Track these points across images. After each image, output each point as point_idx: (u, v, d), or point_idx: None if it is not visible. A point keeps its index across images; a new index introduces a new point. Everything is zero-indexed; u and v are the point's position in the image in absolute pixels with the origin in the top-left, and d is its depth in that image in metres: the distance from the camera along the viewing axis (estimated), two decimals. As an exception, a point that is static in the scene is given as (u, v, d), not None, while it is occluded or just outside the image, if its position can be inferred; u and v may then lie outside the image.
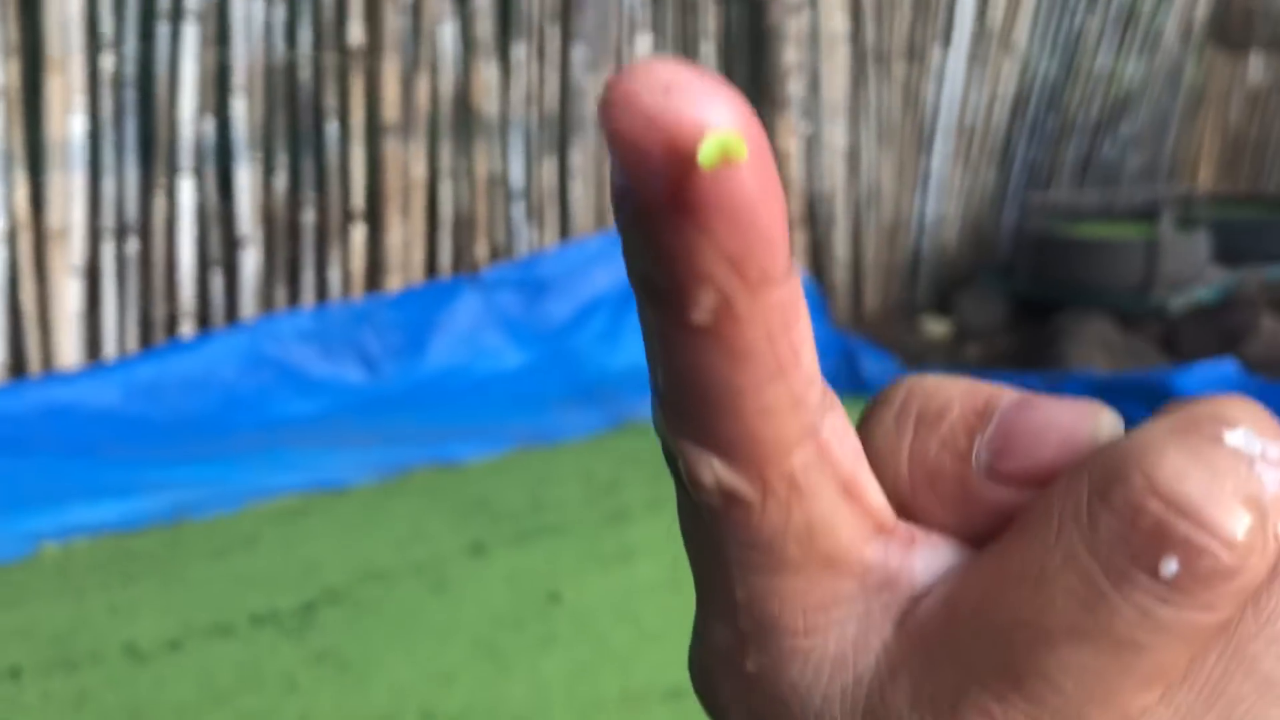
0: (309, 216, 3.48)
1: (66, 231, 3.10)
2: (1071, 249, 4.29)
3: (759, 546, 0.20)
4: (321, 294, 3.52)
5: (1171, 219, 4.30)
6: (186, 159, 3.25)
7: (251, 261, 3.38)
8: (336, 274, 3.52)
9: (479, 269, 3.72)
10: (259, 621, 2.18)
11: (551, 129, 3.85)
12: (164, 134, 3.23)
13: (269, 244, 3.44)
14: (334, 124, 3.47)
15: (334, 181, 3.50)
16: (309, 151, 3.46)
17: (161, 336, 3.29)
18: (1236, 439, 0.18)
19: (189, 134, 3.24)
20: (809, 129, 4.32)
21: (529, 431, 3.18)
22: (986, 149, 4.79)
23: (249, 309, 3.38)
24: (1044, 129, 4.95)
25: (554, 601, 2.23)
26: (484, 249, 3.75)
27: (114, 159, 3.17)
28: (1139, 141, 5.31)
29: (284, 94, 3.40)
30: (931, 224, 4.70)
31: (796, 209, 4.28)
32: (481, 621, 2.17)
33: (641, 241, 0.19)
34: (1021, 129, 4.87)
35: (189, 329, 3.31)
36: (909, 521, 0.22)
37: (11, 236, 3.05)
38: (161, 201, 3.25)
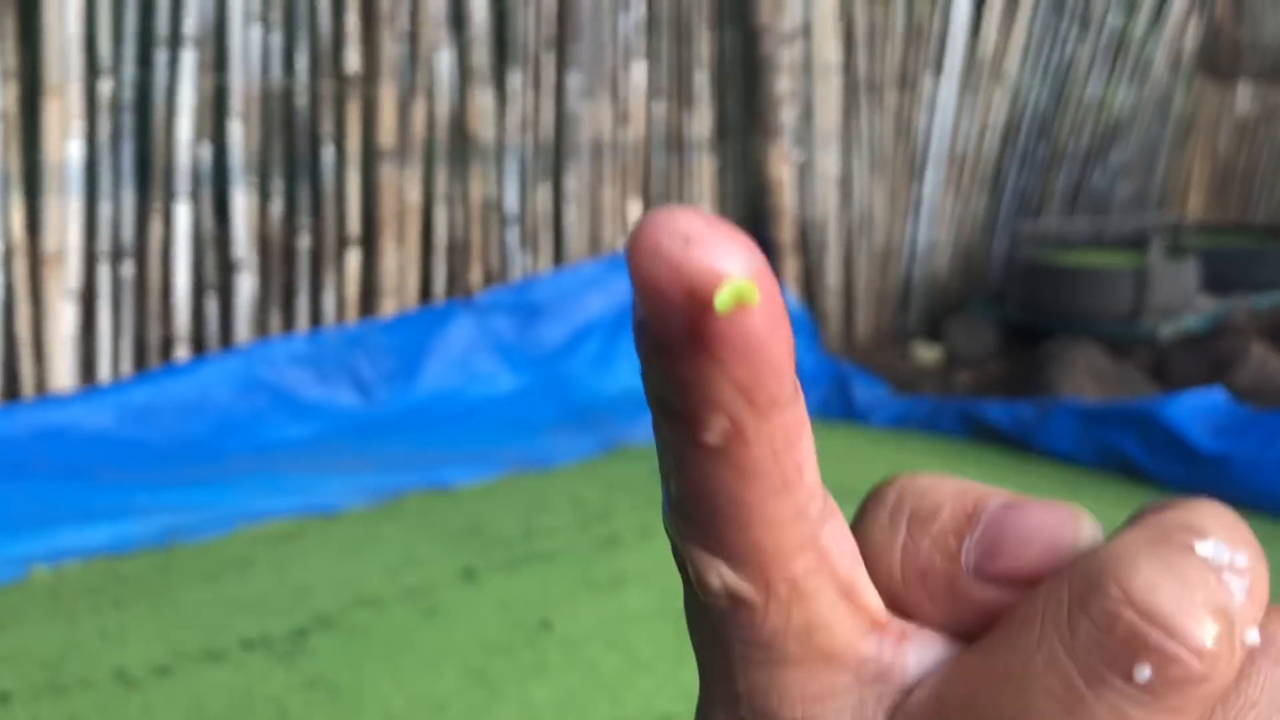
0: (304, 241, 3.49)
1: (62, 255, 3.11)
2: (1062, 277, 4.32)
3: (761, 644, 0.22)
4: (316, 318, 3.53)
5: (1161, 247, 4.33)
6: (183, 183, 3.27)
7: (247, 286, 3.40)
8: (331, 298, 3.54)
9: (473, 294, 3.74)
10: (250, 647, 2.18)
11: (546, 155, 3.88)
12: (160, 159, 3.25)
13: (264, 268, 3.45)
14: (330, 149, 3.49)
15: (329, 207, 3.52)
16: (305, 177, 3.48)
17: (156, 360, 3.30)
18: (1206, 550, 0.20)
19: (185, 159, 3.26)
20: (801, 156, 4.35)
21: (521, 456, 3.19)
22: (977, 177, 4.83)
23: (244, 333, 3.40)
24: (1034, 157, 4.98)
25: (545, 629, 2.24)
26: (478, 274, 3.77)
27: (110, 183, 3.19)
28: (1129, 170, 5.35)
29: (281, 120, 3.42)
30: (923, 251, 4.73)
31: (789, 236, 4.30)
32: (473, 648, 2.17)
33: (660, 370, 0.20)
34: (1012, 157, 4.91)
35: (184, 353, 3.32)
36: (900, 615, 0.23)
37: (7, 260, 3.06)
38: (157, 226, 3.27)
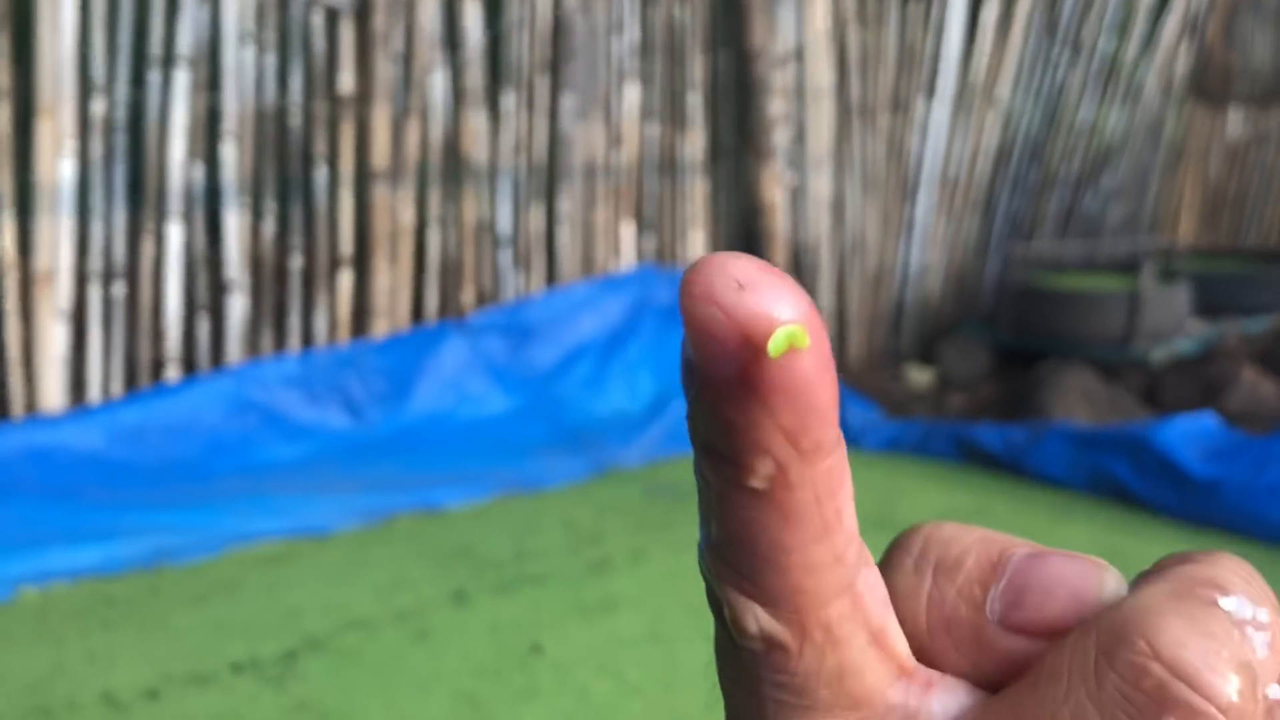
0: (296, 262, 3.49)
1: (53, 274, 3.10)
2: (1054, 300, 4.32)
3: (793, 688, 0.22)
4: (308, 339, 3.53)
5: (1152, 271, 4.35)
6: (175, 203, 3.26)
7: (238, 306, 3.39)
8: (323, 319, 3.53)
9: (465, 315, 3.74)
10: (239, 670, 2.17)
11: (539, 176, 3.88)
12: (153, 178, 3.25)
13: (256, 289, 3.45)
14: (323, 170, 3.49)
15: (322, 227, 3.51)
16: (298, 197, 3.48)
17: (147, 380, 3.29)
18: (1230, 605, 0.20)
19: (178, 179, 3.26)
20: (794, 179, 4.36)
21: (513, 478, 3.18)
22: (970, 200, 4.84)
23: (235, 354, 3.39)
24: (1026, 181, 5.00)
25: (536, 652, 2.22)
26: (470, 295, 3.77)
27: (103, 203, 3.18)
28: (1120, 194, 5.37)
29: (274, 140, 3.43)
30: (915, 274, 4.74)
31: (781, 258, 4.31)
32: (463, 672, 2.16)
33: (707, 413, 0.21)
34: (1004, 181, 4.93)
35: (174, 373, 3.31)
36: (925, 662, 0.23)
37: (-2, 279, 3.06)
38: (149, 245, 3.26)
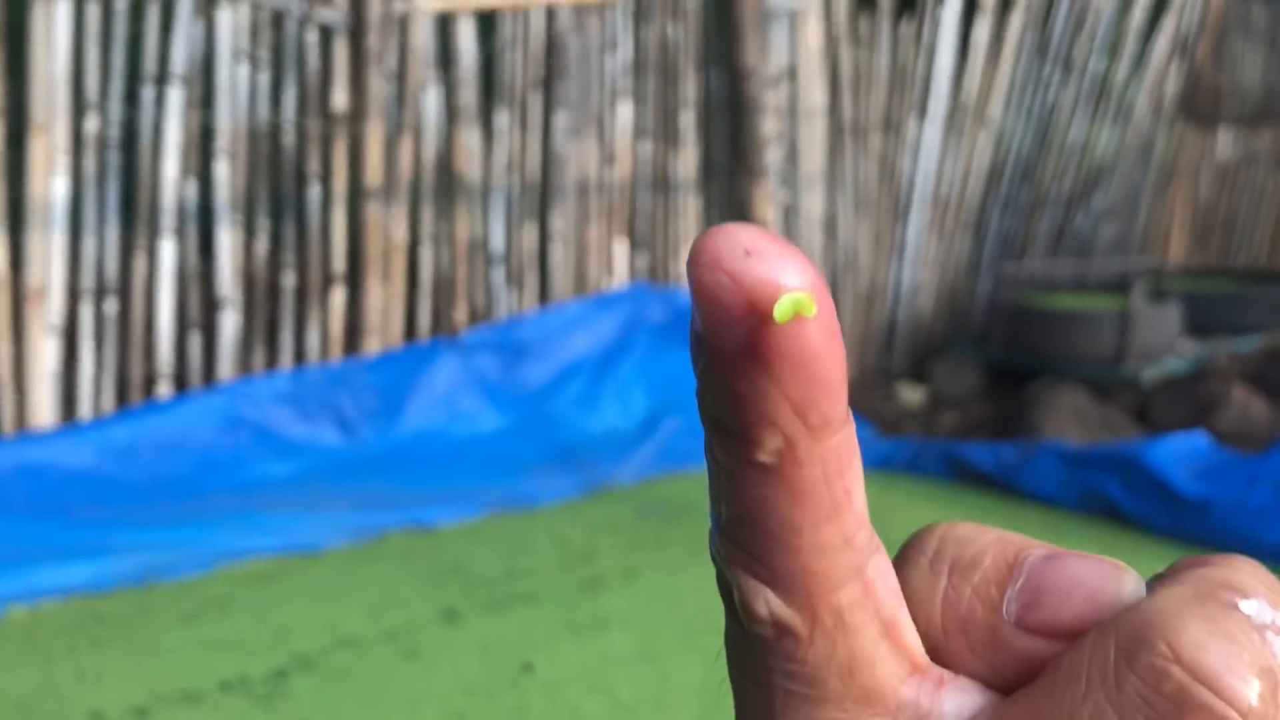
0: (289, 279, 3.49)
1: (45, 291, 3.10)
2: (1045, 319, 4.34)
3: (803, 678, 0.22)
4: (300, 356, 3.52)
5: (1143, 291, 4.36)
6: (168, 220, 3.26)
7: (230, 323, 3.39)
8: (315, 336, 3.53)
9: (458, 332, 3.74)
10: (228, 688, 2.16)
11: (532, 195, 3.89)
12: (146, 196, 3.25)
13: (248, 306, 3.44)
14: (316, 188, 3.49)
15: (314, 245, 3.51)
16: (290, 214, 3.48)
17: (138, 397, 3.28)
18: (1250, 608, 0.20)
19: (171, 196, 3.26)
20: (787, 198, 4.38)
21: (505, 496, 3.18)
22: (961, 220, 4.86)
23: (227, 370, 3.38)
24: (1018, 201, 5.02)
25: (527, 671, 2.22)
26: (463, 313, 3.77)
27: (95, 219, 3.18)
28: (1111, 214, 5.40)
29: (267, 158, 3.43)
30: (907, 293, 4.75)
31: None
32: (454, 691, 2.15)
33: (715, 385, 0.20)
34: (996, 200, 4.95)
35: (166, 390, 3.30)
36: (939, 662, 0.23)
37: (-11, 295, 3.05)
38: (141, 262, 3.26)
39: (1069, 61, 5.01)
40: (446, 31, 3.67)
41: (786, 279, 0.19)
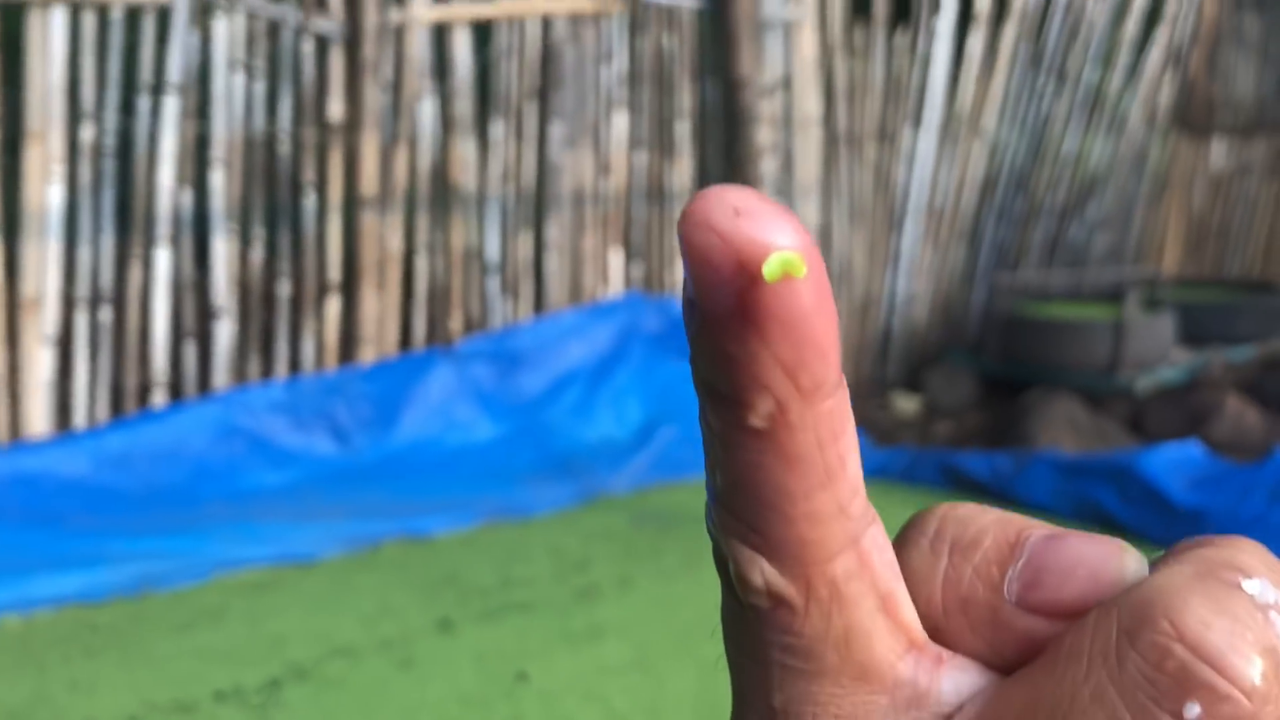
0: (284, 288, 3.49)
1: (40, 300, 3.10)
2: (1039, 329, 4.34)
3: (799, 652, 0.22)
4: (295, 365, 3.52)
5: (1137, 301, 4.37)
6: (163, 229, 3.26)
7: (225, 332, 3.39)
8: (310, 345, 3.53)
9: (453, 342, 3.74)
10: (222, 698, 2.15)
11: (528, 204, 3.89)
12: (141, 204, 3.25)
13: (243, 315, 3.44)
14: (311, 197, 3.49)
15: (310, 254, 3.52)
16: (286, 224, 3.48)
17: (133, 406, 3.28)
18: (1253, 588, 0.20)
19: (166, 205, 3.26)
20: (782, 208, 4.38)
21: (500, 505, 3.18)
22: (956, 229, 4.87)
23: (222, 380, 3.38)
24: (1012, 210, 5.03)
25: (522, 681, 2.21)
26: (458, 321, 3.77)
27: (90, 228, 3.18)
28: (1105, 224, 5.41)
29: (262, 167, 3.43)
30: (902, 302, 4.76)
31: (769, 286, 4.31)
32: (448, 700, 2.15)
33: (707, 349, 0.20)
34: (990, 210, 4.96)
35: (161, 399, 3.30)
36: (939, 642, 0.23)
37: (-16, 304, 3.05)
38: (137, 271, 3.26)
39: (1063, 72, 5.02)
40: (442, 41, 3.67)
41: (776, 238, 0.19)
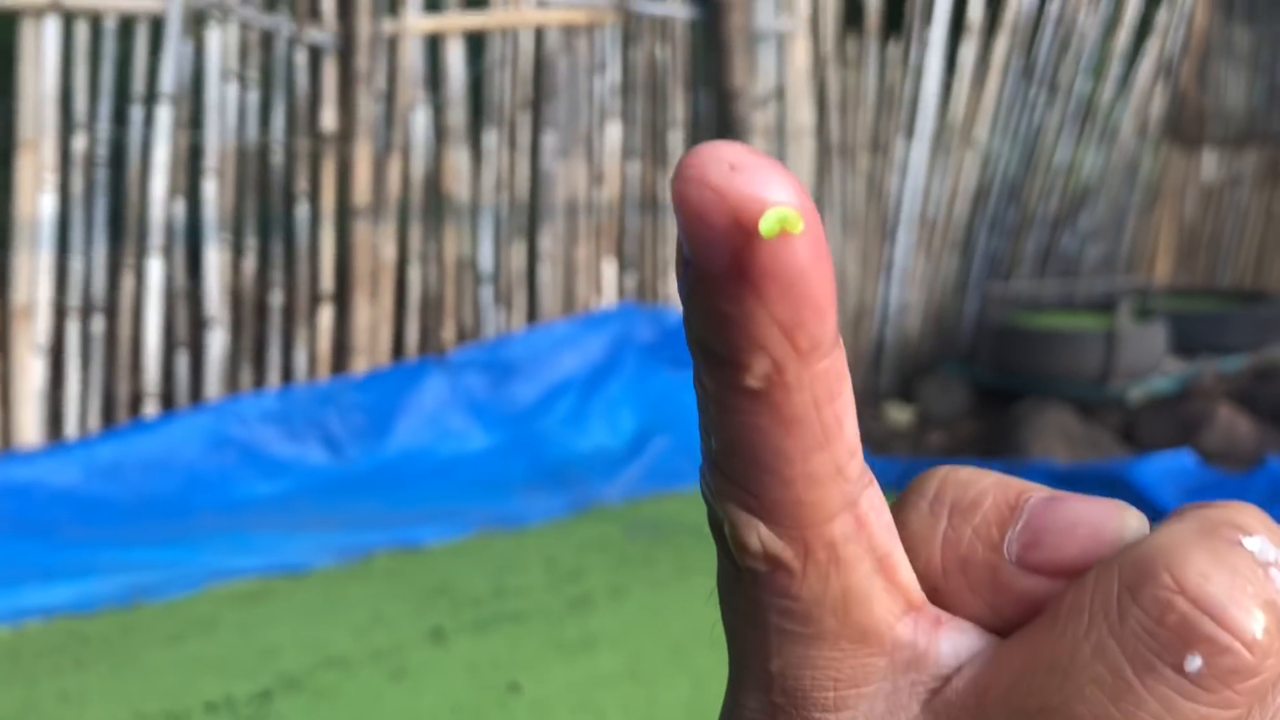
0: (277, 298, 3.49)
1: (31, 309, 3.09)
2: (1032, 339, 4.35)
3: (798, 615, 0.22)
4: (287, 375, 3.52)
5: (1129, 310, 4.38)
6: (156, 239, 3.26)
7: (218, 342, 3.38)
8: (303, 355, 3.52)
9: (446, 351, 3.74)
10: (213, 710, 2.14)
11: (521, 214, 3.89)
12: (134, 214, 3.25)
13: (236, 325, 3.44)
14: (304, 206, 3.49)
15: (303, 263, 3.51)
16: (279, 233, 3.48)
17: (124, 416, 3.27)
18: (1254, 545, 0.20)
19: (159, 214, 3.26)
20: (775, 218, 4.38)
21: (493, 515, 3.17)
22: (948, 240, 4.88)
23: (214, 389, 3.37)
24: (1004, 221, 5.05)
25: (514, 691, 2.21)
26: (451, 331, 3.77)
27: (83, 238, 3.18)
28: (1097, 234, 5.43)
29: (255, 177, 3.43)
30: (895, 312, 4.76)
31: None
32: (441, 711, 2.14)
33: (701, 308, 0.20)
34: (983, 220, 4.97)
35: (153, 409, 3.29)
36: (939, 604, 0.23)
37: (-24, 314, 3.04)
38: (129, 281, 3.26)
39: (1055, 83, 5.04)
40: (435, 52, 3.68)
41: (772, 193, 0.19)
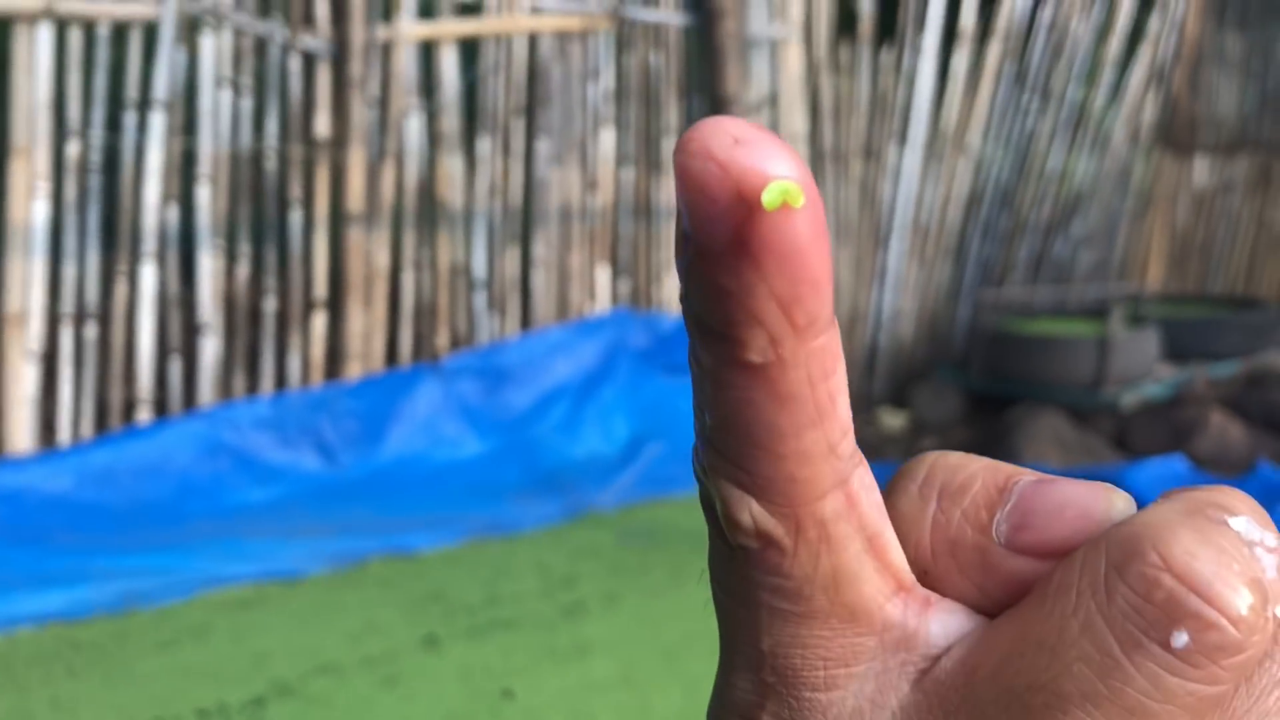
0: (270, 304, 3.48)
1: (25, 316, 3.09)
2: (1024, 345, 4.36)
3: (788, 593, 0.22)
4: (280, 382, 3.51)
5: (1121, 317, 4.39)
6: (149, 245, 3.26)
7: (211, 348, 3.38)
8: (296, 362, 3.52)
9: (439, 358, 3.74)
10: (206, 716, 2.14)
11: (515, 221, 3.90)
12: (127, 221, 3.24)
13: (229, 331, 3.44)
14: (298, 213, 3.49)
15: (296, 270, 3.51)
16: (272, 240, 3.48)
17: (117, 422, 3.27)
18: (1239, 525, 0.20)
19: (152, 221, 3.26)
20: (768, 224, 4.39)
21: (486, 522, 3.17)
22: (941, 246, 4.89)
23: (207, 396, 3.37)
24: (997, 227, 5.06)
25: (507, 698, 2.21)
26: (445, 338, 3.77)
27: (76, 244, 3.17)
28: (1090, 241, 5.44)
29: (249, 183, 3.43)
30: (888, 319, 4.77)
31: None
32: (434, 718, 2.14)
33: (699, 282, 0.20)
34: (975, 227, 4.98)
35: (146, 415, 3.29)
36: (928, 586, 0.23)
37: (-32, 320, 3.03)
38: (122, 287, 3.25)
39: (1047, 90, 5.06)
40: (429, 58, 3.68)
41: (775, 167, 0.19)
